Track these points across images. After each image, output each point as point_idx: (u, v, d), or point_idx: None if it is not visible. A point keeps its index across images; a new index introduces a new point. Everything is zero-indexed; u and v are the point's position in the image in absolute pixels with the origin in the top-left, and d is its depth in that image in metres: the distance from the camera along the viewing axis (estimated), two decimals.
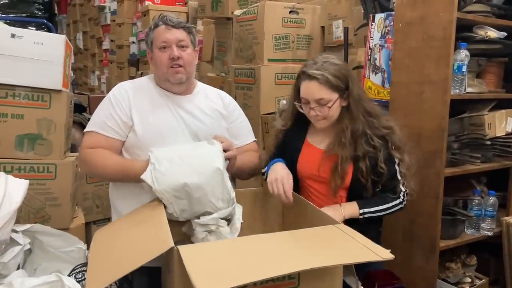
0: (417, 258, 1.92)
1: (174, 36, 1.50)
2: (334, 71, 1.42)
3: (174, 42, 1.50)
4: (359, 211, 1.41)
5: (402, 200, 1.48)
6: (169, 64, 1.50)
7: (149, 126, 1.51)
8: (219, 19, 3.31)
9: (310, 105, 1.44)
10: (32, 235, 1.30)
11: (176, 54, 1.49)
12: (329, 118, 1.46)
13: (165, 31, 1.51)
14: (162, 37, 1.50)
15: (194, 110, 1.57)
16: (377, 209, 1.43)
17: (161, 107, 1.54)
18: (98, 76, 6.13)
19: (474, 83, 1.97)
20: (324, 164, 1.47)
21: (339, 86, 1.42)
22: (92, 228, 2.72)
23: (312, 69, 1.42)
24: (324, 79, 1.40)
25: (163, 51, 1.51)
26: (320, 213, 1.28)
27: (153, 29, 1.53)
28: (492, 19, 1.92)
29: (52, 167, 2.03)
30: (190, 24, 1.59)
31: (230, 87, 2.95)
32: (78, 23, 6.89)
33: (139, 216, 1.25)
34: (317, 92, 1.42)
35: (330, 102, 1.42)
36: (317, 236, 1.14)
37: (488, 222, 1.99)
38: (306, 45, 2.79)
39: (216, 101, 1.65)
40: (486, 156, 2.01)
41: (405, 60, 1.94)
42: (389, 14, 2.14)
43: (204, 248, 1.07)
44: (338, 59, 1.48)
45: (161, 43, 1.50)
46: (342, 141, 1.43)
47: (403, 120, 1.94)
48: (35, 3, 5.34)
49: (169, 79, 1.53)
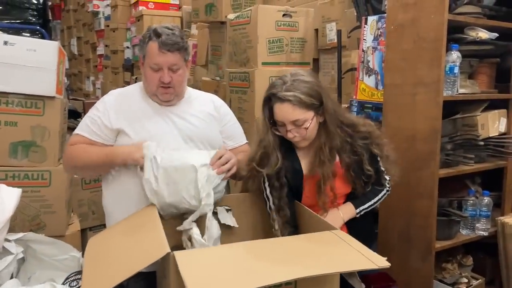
0: (413, 259, 1.92)
1: (167, 61, 1.46)
2: (306, 89, 1.36)
3: (166, 66, 1.47)
4: (356, 211, 1.45)
5: (388, 188, 1.54)
6: (158, 84, 1.50)
7: (144, 131, 1.51)
8: (213, 23, 3.31)
9: (287, 128, 1.38)
10: (25, 244, 1.29)
11: (167, 79, 1.47)
12: (308, 138, 1.42)
13: (158, 54, 1.45)
14: (154, 59, 1.47)
15: (185, 114, 1.58)
16: (370, 204, 1.48)
17: (151, 113, 1.55)
18: (93, 81, 6.12)
19: (466, 84, 1.98)
20: (309, 184, 1.45)
21: (313, 104, 1.37)
22: (88, 234, 2.71)
23: (282, 90, 1.35)
24: (297, 100, 1.33)
25: (155, 71, 1.48)
26: (317, 218, 1.28)
27: (147, 42, 1.49)
28: (483, 20, 1.93)
29: (46, 174, 2.03)
30: (185, 40, 1.53)
31: (225, 91, 2.95)
32: (72, 29, 6.88)
33: (134, 222, 1.25)
34: (291, 114, 1.35)
35: (307, 122, 1.37)
36: (314, 243, 1.14)
37: (483, 222, 2.00)
38: (300, 48, 2.80)
39: (207, 104, 1.65)
40: (480, 156, 2.02)
41: (398, 62, 1.95)
42: (382, 17, 2.15)
43: (200, 254, 1.07)
44: (308, 75, 1.42)
45: (153, 64, 1.47)
46: (321, 159, 1.39)
47: (397, 122, 1.95)
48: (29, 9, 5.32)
49: (158, 96, 1.54)
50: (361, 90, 2.30)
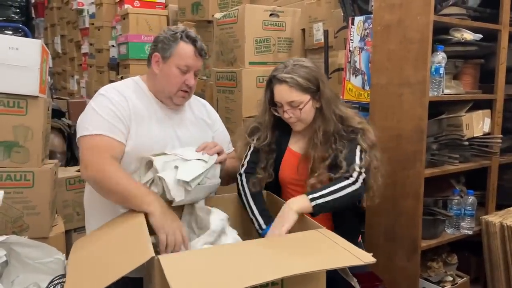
0: (399, 258, 1.94)
1: (198, 65, 1.48)
2: (304, 74, 1.45)
3: (194, 70, 1.48)
4: (309, 198, 1.30)
5: (355, 180, 1.36)
6: (180, 87, 1.47)
7: (142, 138, 1.44)
8: (200, 22, 3.29)
9: (283, 108, 1.47)
10: (8, 247, 1.27)
11: (192, 83, 1.48)
12: (303, 120, 1.49)
13: (193, 58, 1.46)
14: (187, 60, 1.45)
15: (184, 121, 1.56)
16: (326, 192, 1.31)
17: (157, 117, 1.49)
18: (78, 80, 6.03)
19: (451, 85, 2.00)
20: (303, 167, 1.49)
21: (309, 88, 1.45)
22: (73, 236, 2.67)
23: (282, 73, 1.45)
24: (294, 82, 1.43)
25: (182, 73, 1.46)
26: (303, 218, 1.28)
27: (177, 42, 1.45)
28: (468, 21, 1.96)
29: (29, 175, 1.99)
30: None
31: (212, 90, 2.94)
32: (56, 27, 6.77)
33: (119, 226, 1.23)
34: (287, 95, 1.45)
35: (302, 103, 1.45)
36: (300, 242, 1.14)
37: (467, 221, 2.03)
38: (287, 47, 2.80)
39: (201, 110, 1.64)
40: (465, 156, 2.04)
41: (384, 62, 1.96)
42: (368, 17, 2.16)
43: (185, 257, 1.06)
44: (309, 62, 1.51)
45: (184, 66, 1.45)
46: (315, 141, 1.47)
47: (383, 122, 1.96)
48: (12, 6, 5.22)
49: (173, 99, 1.50)
50: (348, 90, 2.31)
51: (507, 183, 2.27)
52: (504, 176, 2.25)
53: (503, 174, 2.23)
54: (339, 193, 1.33)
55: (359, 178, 1.37)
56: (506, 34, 2.07)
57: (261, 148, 1.55)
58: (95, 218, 1.47)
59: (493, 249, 2.01)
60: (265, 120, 1.55)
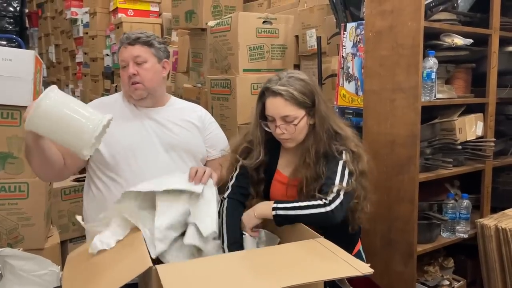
0: (396, 263, 1.94)
1: (129, 53, 1.52)
2: (300, 87, 1.36)
3: (131, 59, 1.51)
4: (272, 206, 1.29)
5: (327, 203, 1.27)
6: (128, 81, 1.52)
7: (116, 143, 1.49)
8: (194, 30, 3.30)
9: (276, 123, 1.36)
10: (3, 260, 1.26)
11: (131, 71, 1.50)
12: (296, 138, 1.38)
13: (122, 50, 1.54)
14: (120, 56, 1.55)
15: (166, 122, 1.57)
16: (291, 206, 1.28)
17: (130, 120, 1.54)
18: (72, 89, 6.02)
19: (443, 89, 2.02)
20: (291, 189, 1.41)
21: (305, 103, 1.36)
22: (69, 246, 2.65)
23: (276, 85, 1.35)
24: (289, 95, 1.33)
25: (124, 69, 1.54)
26: (300, 227, 1.27)
27: (118, 49, 1.57)
28: (458, 26, 1.98)
29: (24, 186, 1.98)
30: (154, 36, 1.57)
31: (207, 97, 2.94)
32: (50, 36, 6.76)
33: None
34: (282, 109, 1.34)
35: (296, 119, 1.35)
36: (298, 251, 1.13)
37: (463, 224, 2.03)
38: (281, 54, 2.81)
39: (190, 114, 1.65)
40: (458, 160, 2.06)
41: (376, 68, 1.98)
42: (360, 23, 2.18)
43: (183, 267, 1.06)
44: (304, 74, 1.42)
45: (121, 62, 1.54)
46: (307, 161, 1.37)
47: (377, 128, 1.97)
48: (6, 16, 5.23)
49: (131, 95, 1.55)
50: (341, 96, 2.32)
51: (502, 186, 2.28)
52: (498, 179, 2.26)
53: (497, 177, 2.25)
54: (304, 211, 1.27)
55: (334, 201, 1.27)
56: (496, 38, 2.09)
57: (251, 175, 1.43)
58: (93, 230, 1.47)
59: (488, 252, 2.02)
60: (256, 136, 1.43)
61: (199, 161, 1.63)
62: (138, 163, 1.49)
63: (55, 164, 1.43)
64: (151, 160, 1.50)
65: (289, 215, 1.28)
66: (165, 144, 1.53)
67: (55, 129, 1.16)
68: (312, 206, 1.27)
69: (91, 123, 1.16)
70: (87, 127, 1.15)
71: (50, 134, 1.19)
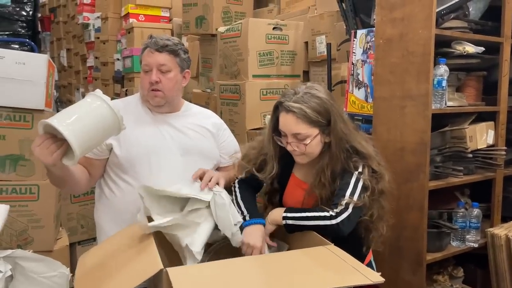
0: (405, 272, 1.92)
1: (155, 60, 1.51)
2: (315, 105, 1.30)
3: (155, 66, 1.51)
4: (282, 215, 1.31)
5: (334, 216, 1.26)
6: (149, 87, 1.52)
7: (132, 147, 1.50)
8: (204, 35, 3.33)
9: (288, 139, 1.33)
10: (14, 261, 1.27)
11: (154, 78, 1.50)
12: (308, 155, 1.35)
13: (148, 55, 1.52)
14: (144, 60, 1.54)
15: (182, 127, 1.58)
16: (299, 215, 1.29)
17: (146, 124, 1.55)
18: (83, 93, 6.08)
19: (454, 97, 2.01)
20: (307, 203, 1.40)
21: (319, 122, 1.31)
22: (77, 248, 2.68)
23: (290, 100, 1.31)
24: (302, 113, 1.28)
25: (146, 74, 1.53)
26: (311, 234, 1.27)
27: (143, 51, 1.56)
28: (470, 34, 1.97)
29: (34, 188, 2.00)
30: (181, 45, 1.57)
31: (216, 103, 2.96)
32: (62, 41, 6.85)
33: (125, 237, 1.23)
34: (294, 126, 1.30)
35: (308, 138, 1.30)
36: (308, 258, 1.13)
37: (473, 233, 2.01)
38: (290, 60, 2.82)
39: (205, 120, 1.66)
40: (469, 168, 2.04)
41: (386, 75, 1.97)
42: (370, 30, 2.18)
43: (194, 271, 1.06)
44: (323, 92, 1.34)
45: (144, 66, 1.53)
46: (322, 181, 1.33)
47: (386, 135, 1.97)
48: (18, 21, 5.30)
49: (149, 101, 1.56)
50: (351, 103, 2.32)
51: None
52: (509, 188, 2.23)
53: (508, 186, 2.22)
54: (311, 222, 1.27)
55: (342, 214, 1.26)
56: (508, 47, 2.08)
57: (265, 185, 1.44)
58: (107, 235, 1.48)
59: (499, 262, 2.00)
60: (270, 149, 1.40)
61: (212, 166, 1.64)
62: (153, 166, 1.50)
63: (83, 180, 1.48)
64: (166, 163, 1.51)
65: (298, 224, 1.29)
66: (181, 149, 1.54)
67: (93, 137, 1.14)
68: (319, 218, 1.27)
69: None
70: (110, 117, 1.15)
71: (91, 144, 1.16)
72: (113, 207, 1.53)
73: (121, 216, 1.50)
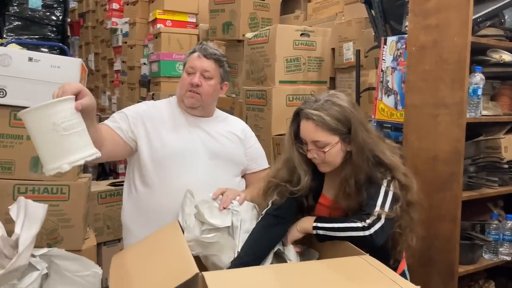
0: (435, 284, 1.87)
1: (201, 65, 1.57)
2: (335, 113, 1.28)
3: (199, 70, 1.57)
4: (313, 224, 1.29)
5: (366, 226, 1.23)
6: (188, 88, 1.57)
7: (162, 148, 1.53)
8: (230, 41, 3.35)
9: (308, 147, 1.32)
10: (49, 259, 1.30)
11: (196, 81, 1.56)
12: (329, 163, 1.32)
13: (195, 58, 1.59)
14: (191, 62, 1.60)
15: (213, 132, 1.62)
16: (330, 226, 1.27)
17: (178, 127, 1.59)
18: (109, 96, 6.19)
19: (488, 106, 1.96)
20: (334, 215, 1.38)
21: (339, 129, 1.28)
22: (103, 249, 2.71)
23: (310, 108, 1.29)
24: (321, 121, 1.27)
25: (188, 75, 1.59)
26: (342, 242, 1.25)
27: (189, 54, 1.63)
28: (506, 42, 1.93)
29: (65, 188, 2.04)
30: (226, 59, 1.65)
31: (241, 108, 2.97)
32: (90, 45, 7.00)
33: (157, 240, 1.24)
34: (313, 133, 1.29)
35: (328, 146, 1.28)
36: (343, 268, 1.11)
37: (506, 246, 1.95)
38: (317, 67, 2.81)
39: (234, 126, 1.70)
40: (503, 179, 1.98)
41: (418, 83, 1.94)
42: (401, 37, 2.15)
43: (230, 275, 1.05)
44: (345, 100, 1.32)
45: (189, 68, 1.59)
46: (347, 191, 1.31)
47: (418, 143, 1.93)
48: (48, 25, 5.44)
49: (184, 101, 1.60)
50: (380, 110, 2.29)
51: None
52: None
53: None
54: (342, 233, 1.25)
55: (375, 224, 1.23)
56: None
57: (300, 202, 1.38)
58: (133, 235, 1.50)
59: None
60: (295, 157, 1.36)
61: (239, 171, 1.67)
62: (181, 168, 1.53)
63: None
64: (194, 167, 1.54)
65: (328, 235, 1.28)
66: (210, 152, 1.57)
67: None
68: (351, 229, 1.24)
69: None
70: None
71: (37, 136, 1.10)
72: (140, 206, 1.55)
73: (148, 215, 1.53)
